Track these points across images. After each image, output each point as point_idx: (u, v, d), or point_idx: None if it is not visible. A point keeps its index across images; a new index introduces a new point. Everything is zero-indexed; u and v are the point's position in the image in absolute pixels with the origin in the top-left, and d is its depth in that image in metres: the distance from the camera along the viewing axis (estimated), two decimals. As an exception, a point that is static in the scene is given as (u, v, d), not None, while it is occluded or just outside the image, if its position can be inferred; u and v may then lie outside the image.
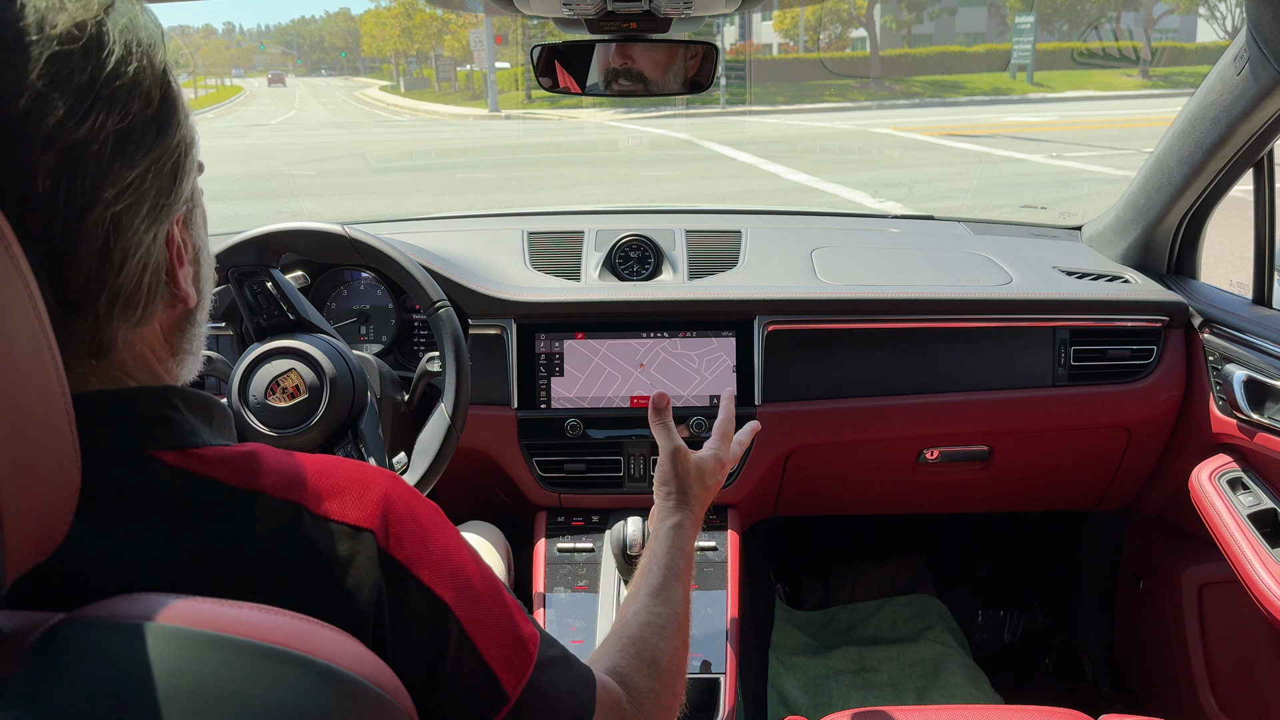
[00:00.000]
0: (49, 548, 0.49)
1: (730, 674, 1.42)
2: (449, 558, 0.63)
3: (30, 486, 0.46)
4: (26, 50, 0.50)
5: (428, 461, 1.33)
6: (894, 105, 23.60)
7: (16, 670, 0.46)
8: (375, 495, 0.61)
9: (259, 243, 1.37)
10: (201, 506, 0.56)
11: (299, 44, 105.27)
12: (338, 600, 0.57)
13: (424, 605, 0.60)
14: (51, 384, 0.48)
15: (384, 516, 0.60)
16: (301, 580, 0.56)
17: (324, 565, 0.57)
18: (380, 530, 0.59)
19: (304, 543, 0.57)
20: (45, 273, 0.51)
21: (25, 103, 0.49)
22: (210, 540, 0.56)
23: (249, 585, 0.54)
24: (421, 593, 0.60)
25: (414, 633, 0.60)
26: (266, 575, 0.56)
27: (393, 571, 0.59)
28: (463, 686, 0.63)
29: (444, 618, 0.61)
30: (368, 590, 0.58)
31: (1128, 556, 2.03)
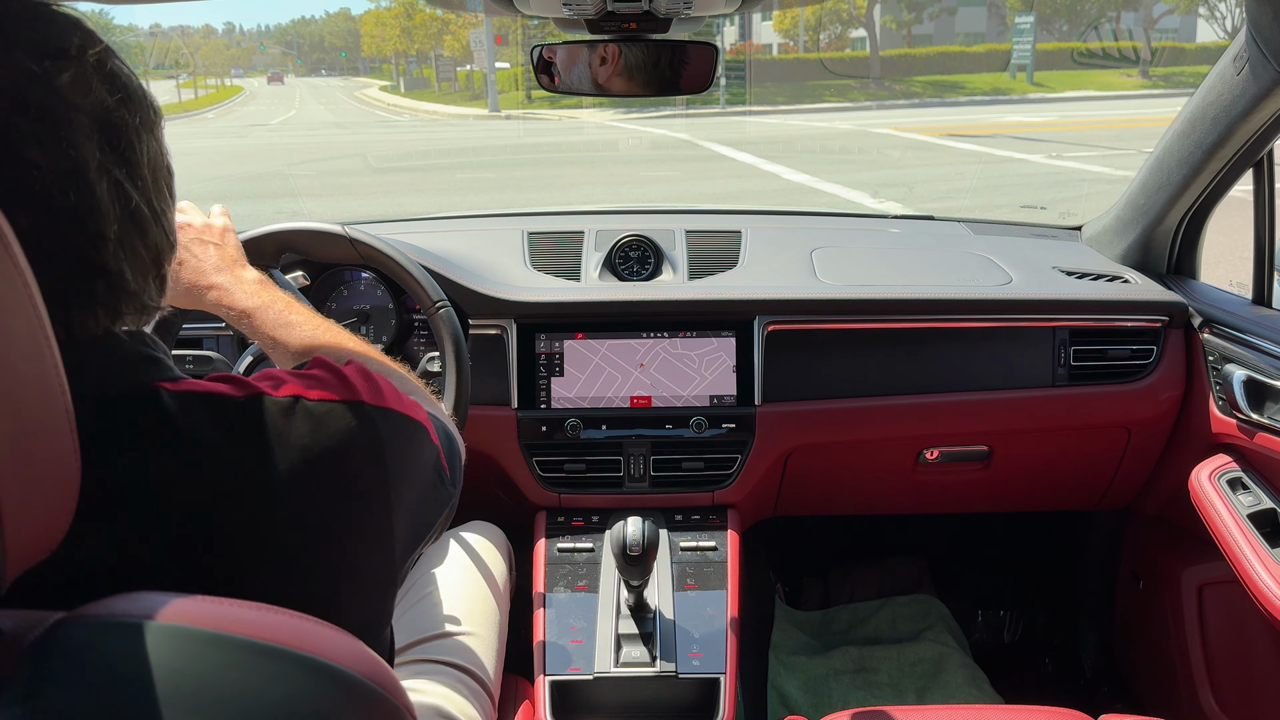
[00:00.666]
0: (49, 546, 0.49)
1: (730, 674, 1.42)
2: (407, 392, 0.80)
3: (30, 486, 0.46)
4: None
5: None
6: (894, 105, 23.60)
7: (16, 669, 0.46)
8: (348, 374, 0.74)
9: (259, 243, 1.37)
10: (218, 418, 0.65)
11: (299, 44, 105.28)
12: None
13: (405, 423, 0.76)
14: (51, 384, 0.48)
15: (361, 387, 0.73)
16: (319, 455, 0.68)
17: (332, 433, 0.69)
18: (368, 394, 0.73)
19: (311, 419, 0.68)
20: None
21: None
22: (240, 438, 0.65)
23: (279, 471, 0.65)
24: (400, 418, 0.76)
25: (400, 446, 0.75)
26: (290, 459, 0.66)
27: (385, 413, 0.74)
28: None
29: (417, 429, 0.79)
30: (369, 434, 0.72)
31: (1127, 556, 2.03)
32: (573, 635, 1.47)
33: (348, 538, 0.69)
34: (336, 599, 0.68)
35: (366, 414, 0.72)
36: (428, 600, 1.39)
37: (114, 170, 0.63)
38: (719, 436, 1.68)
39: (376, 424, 0.72)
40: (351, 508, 0.70)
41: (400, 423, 0.76)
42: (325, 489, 0.68)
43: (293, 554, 0.65)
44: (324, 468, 0.67)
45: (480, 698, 1.26)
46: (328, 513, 0.68)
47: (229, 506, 0.63)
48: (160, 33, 52.27)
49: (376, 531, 0.72)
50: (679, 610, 1.51)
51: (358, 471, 0.70)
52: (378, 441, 0.72)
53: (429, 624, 1.34)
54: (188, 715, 0.46)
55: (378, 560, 0.72)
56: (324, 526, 0.67)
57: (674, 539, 1.64)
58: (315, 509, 0.67)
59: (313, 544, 0.66)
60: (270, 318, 1.05)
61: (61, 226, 0.60)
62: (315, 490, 0.67)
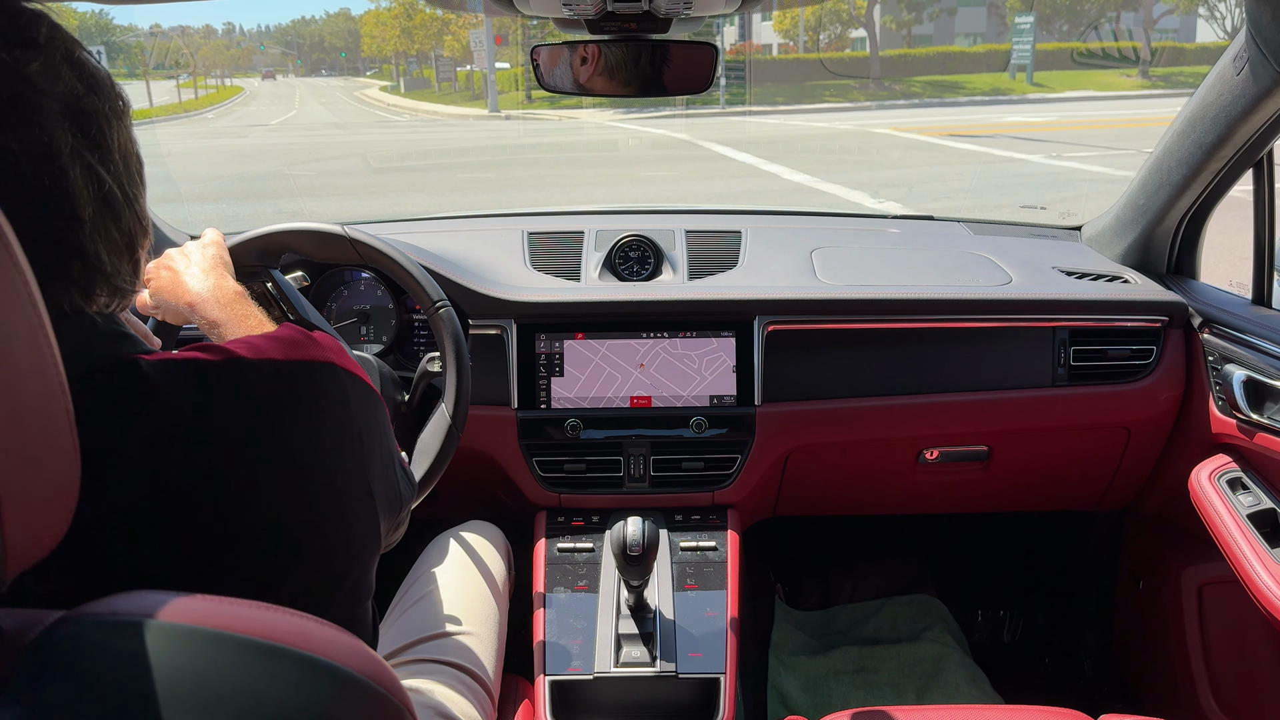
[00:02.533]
0: (49, 545, 0.49)
1: (730, 674, 1.42)
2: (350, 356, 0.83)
3: (30, 485, 0.46)
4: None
5: (429, 461, 1.33)
6: (894, 105, 23.59)
7: (15, 668, 0.46)
8: (319, 338, 0.78)
9: (259, 243, 1.37)
10: (197, 381, 0.68)
11: (299, 44, 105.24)
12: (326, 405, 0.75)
13: (369, 389, 0.81)
14: (51, 383, 0.48)
15: (330, 348, 0.78)
16: (296, 405, 0.72)
17: (307, 388, 0.73)
18: (336, 356, 0.77)
19: (286, 376, 0.72)
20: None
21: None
22: (220, 398, 0.68)
23: (258, 422, 0.69)
24: (364, 383, 0.80)
25: (366, 406, 0.80)
26: (269, 411, 0.70)
27: (352, 376, 0.78)
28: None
29: (378, 400, 0.83)
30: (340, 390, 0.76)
31: (1128, 556, 2.03)
32: (573, 635, 1.47)
33: (327, 478, 0.73)
34: (324, 536, 0.72)
35: (336, 373, 0.76)
36: (427, 600, 1.39)
37: (86, 155, 0.66)
38: (719, 436, 1.68)
39: (344, 383, 0.77)
40: (329, 451, 0.73)
41: (365, 387, 0.80)
42: (303, 434, 0.71)
43: (278, 495, 0.69)
44: (301, 416, 0.71)
45: (480, 697, 1.26)
46: (309, 455, 0.71)
47: (212, 459, 0.66)
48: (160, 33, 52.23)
49: (356, 472, 0.76)
50: (679, 610, 1.51)
51: (333, 420, 0.74)
52: (346, 398, 0.76)
53: (428, 623, 1.34)
54: (188, 714, 0.46)
55: (358, 500, 0.76)
56: (306, 467, 0.71)
57: (674, 539, 1.64)
58: (295, 453, 0.70)
59: (297, 483, 0.70)
60: (238, 330, 1.06)
61: (36, 210, 0.62)
62: (294, 435, 0.70)
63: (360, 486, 0.77)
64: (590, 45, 1.26)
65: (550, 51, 1.29)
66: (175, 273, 1.14)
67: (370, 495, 0.78)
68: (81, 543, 0.58)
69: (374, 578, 0.82)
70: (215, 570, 0.66)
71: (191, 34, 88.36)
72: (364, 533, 0.77)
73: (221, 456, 0.67)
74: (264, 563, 0.67)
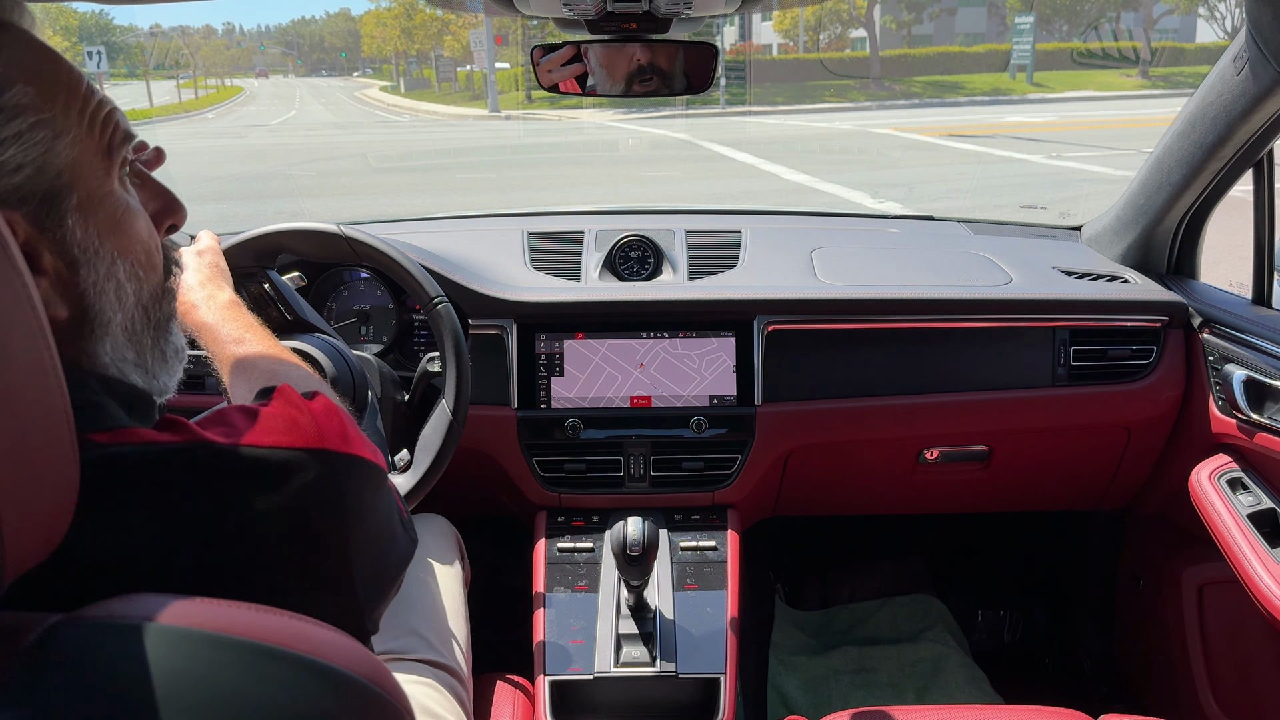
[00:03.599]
0: (48, 548, 0.49)
1: (730, 674, 1.42)
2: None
3: (30, 487, 0.46)
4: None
5: (431, 457, 1.33)
6: (894, 105, 23.59)
7: (14, 670, 0.46)
8: (315, 413, 0.69)
9: (254, 245, 1.37)
10: (155, 471, 0.59)
11: (299, 44, 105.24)
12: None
13: (368, 469, 0.72)
14: (50, 385, 0.48)
15: (327, 429, 0.69)
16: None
17: (288, 486, 0.63)
18: (332, 440, 0.68)
19: (263, 469, 0.62)
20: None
21: None
22: (177, 496, 0.59)
23: (223, 528, 0.60)
24: (364, 464, 0.71)
25: (362, 492, 0.71)
26: (238, 514, 0.60)
27: (348, 461, 0.69)
28: None
29: (378, 474, 0.75)
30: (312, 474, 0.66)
31: (1128, 556, 2.03)
32: (573, 635, 1.47)
33: (304, 595, 0.63)
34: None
35: (329, 461, 0.66)
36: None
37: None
38: (719, 436, 1.68)
39: (338, 472, 0.66)
40: (306, 563, 0.64)
41: (364, 469, 0.70)
42: (276, 550, 0.62)
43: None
44: (276, 527, 0.62)
45: (455, 690, 1.26)
46: (280, 571, 0.62)
47: (167, 573, 0.57)
48: (160, 33, 52.22)
49: (335, 586, 0.66)
50: (679, 610, 1.51)
51: (314, 524, 0.64)
52: (339, 491, 0.66)
53: (394, 621, 1.33)
54: (186, 716, 0.46)
55: (340, 617, 0.63)
56: (275, 585, 0.62)
57: (674, 539, 1.64)
58: (266, 568, 0.61)
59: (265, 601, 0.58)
60: (225, 333, 1.06)
61: None
62: (265, 552, 0.61)
63: (343, 584, 0.67)
64: (590, 45, 1.26)
65: (550, 52, 1.29)
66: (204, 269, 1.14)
67: (354, 593, 0.68)
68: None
69: (378, 624, 0.75)
70: None
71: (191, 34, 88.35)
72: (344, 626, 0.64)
73: (167, 564, 0.57)
74: None
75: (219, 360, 1.06)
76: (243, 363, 1.03)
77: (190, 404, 1.55)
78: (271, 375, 0.99)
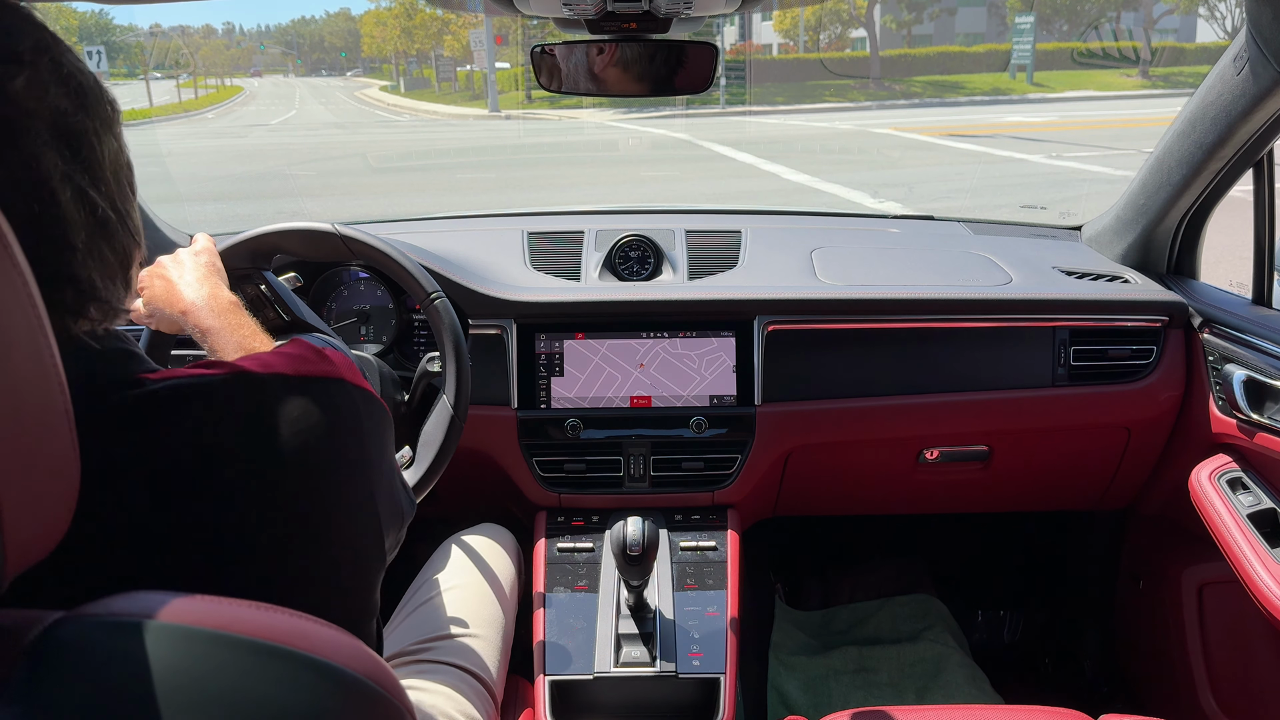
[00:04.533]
0: (48, 546, 0.49)
1: (730, 674, 1.42)
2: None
3: (30, 486, 0.46)
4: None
5: (433, 453, 1.33)
6: (894, 105, 23.59)
7: (14, 668, 0.46)
8: (329, 354, 0.76)
9: (249, 246, 1.37)
10: (202, 398, 0.66)
11: (299, 44, 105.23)
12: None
13: (379, 406, 0.79)
14: (51, 384, 0.48)
15: (341, 365, 0.76)
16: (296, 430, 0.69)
17: (316, 408, 0.71)
18: (346, 372, 0.75)
19: (294, 393, 0.70)
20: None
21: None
22: (226, 414, 0.66)
23: (265, 444, 0.67)
24: (375, 400, 0.78)
25: (376, 425, 0.79)
26: (276, 432, 0.67)
27: (363, 393, 0.77)
28: None
29: (387, 416, 0.81)
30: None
31: (1128, 556, 2.03)
32: (573, 635, 1.47)
33: (333, 498, 0.70)
34: (330, 552, 0.70)
35: (347, 391, 0.74)
36: (434, 602, 1.39)
37: (77, 178, 0.63)
38: (719, 436, 1.68)
39: (356, 401, 0.74)
40: (338, 478, 0.71)
41: (379, 406, 0.78)
42: (312, 461, 0.68)
43: (283, 511, 0.67)
44: (310, 439, 0.68)
45: (483, 699, 1.26)
46: (317, 471, 0.69)
47: (219, 476, 0.64)
48: (160, 33, 52.20)
49: (364, 489, 0.74)
50: (679, 610, 1.51)
51: (342, 443, 0.71)
52: (357, 417, 0.74)
53: (434, 625, 1.35)
54: (186, 714, 0.46)
55: (364, 521, 0.74)
56: (314, 483, 0.69)
57: (674, 539, 1.64)
58: (303, 480, 0.68)
59: (303, 499, 0.68)
60: (230, 339, 1.06)
61: (26, 241, 0.56)
62: (302, 461, 0.68)
63: (367, 504, 0.75)
64: (590, 45, 1.26)
65: (550, 51, 1.29)
66: (169, 281, 1.14)
67: (376, 513, 0.77)
68: (84, 549, 0.58)
69: (379, 598, 0.80)
70: (216, 585, 0.64)
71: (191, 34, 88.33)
72: (369, 549, 0.76)
73: (228, 472, 0.65)
74: (268, 579, 0.66)
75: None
76: None
77: None
78: None
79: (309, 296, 1.76)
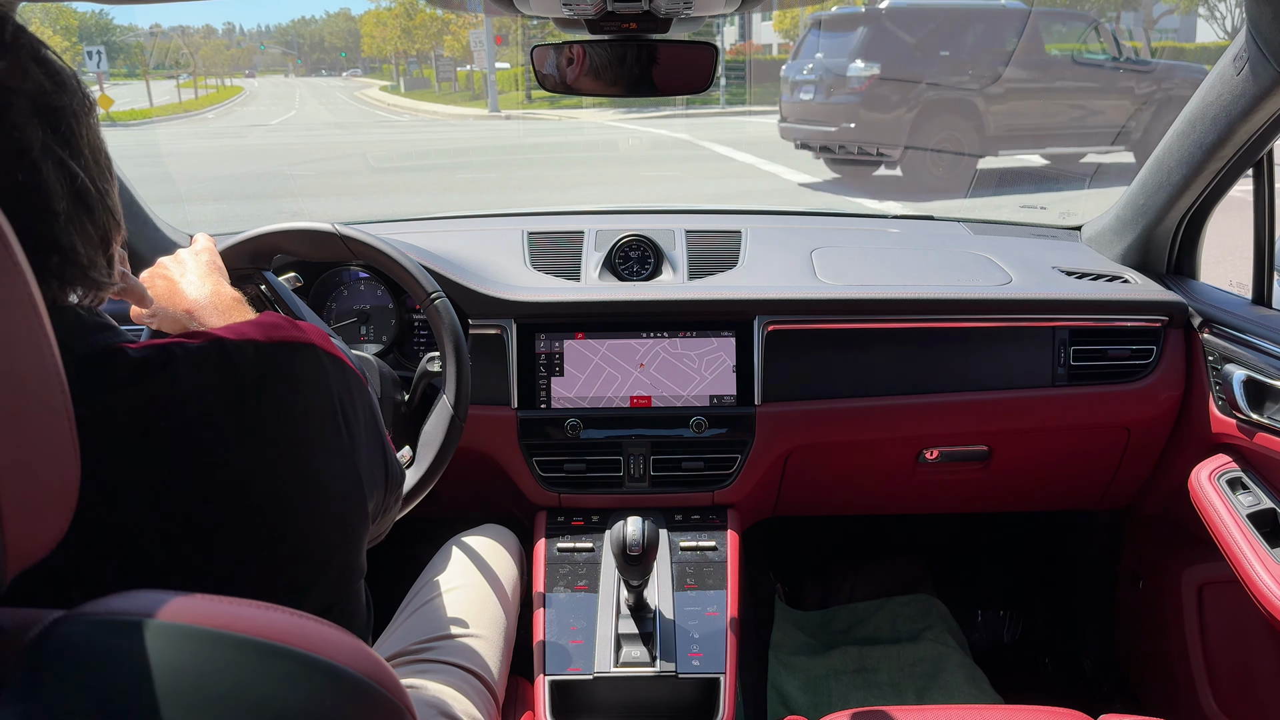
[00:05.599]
0: (49, 545, 0.49)
1: (730, 674, 1.42)
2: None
3: (30, 485, 0.46)
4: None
5: (434, 452, 1.34)
6: (894, 105, 23.53)
7: (14, 668, 0.46)
8: (302, 325, 0.81)
9: (249, 246, 1.37)
10: (182, 362, 0.70)
11: (299, 44, 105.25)
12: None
13: (350, 371, 0.83)
14: (51, 383, 0.48)
15: (313, 334, 0.80)
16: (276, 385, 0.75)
17: (289, 367, 0.76)
18: (317, 338, 0.80)
19: (268, 355, 0.75)
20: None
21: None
22: (201, 377, 0.70)
23: (242, 398, 0.72)
24: (346, 366, 0.82)
25: (348, 386, 0.83)
26: (252, 388, 0.73)
27: (333, 358, 0.81)
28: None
29: (360, 381, 0.86)
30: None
31: (1128, 556, 2.03)
32: (573, 635, 1.47)
33: (313, 454, 0.76)
34: (310, 511, 0.74)
35: (316, 353, 0.78)
36: (436, 602, 1.39)
37: (57, 150, 0.67)
38: (719, 436, 1.68)
39: (325, 364, 0.79)
40: (311, 428, 0.76)
41: (347, 370, 0.82)
42: (284, 412, 0.74)
43: (262, 471, 0.72)
44: (282, 394, 0.74)
45: (484, 698, 1.27)
46: (290, 432, 0.74)
47: (195, 436, 0.69)
48: (160, 33, 52.19)
49: (339, 449, 0.78)
50: (679, 610, 1.51)
51: (314, 398, 0.77)
52: (327, 378, 0.79)
53: (436, 625, 1.35)
54: (187, 714, 0.46)
55: (344, 477, 0.79)
56: (288, 445, 0.74)
57: (674, 539, 1.64)
58: (277, 430, 0.73)
59: (280, 461, 0.73)
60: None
61: (11, 206, 0.60)
62: (277, 411, 0.74)
63: (345, 464, 0.79)
64: (590, 45, 1.26)
65: (550, 51, 1.29)
66: (171, 280, 1.14)
67: (357, 475, 0.80)
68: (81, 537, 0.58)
69: (364, 559, 0.84)
70: (201, 544, 0.68)
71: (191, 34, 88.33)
72: (351, 510, 0.80)
73: (204, 433, 0.70)
74: (250, 537, 0.70)
75: None
76: None
77: None
78: None
79: (309, 296, 1.76)
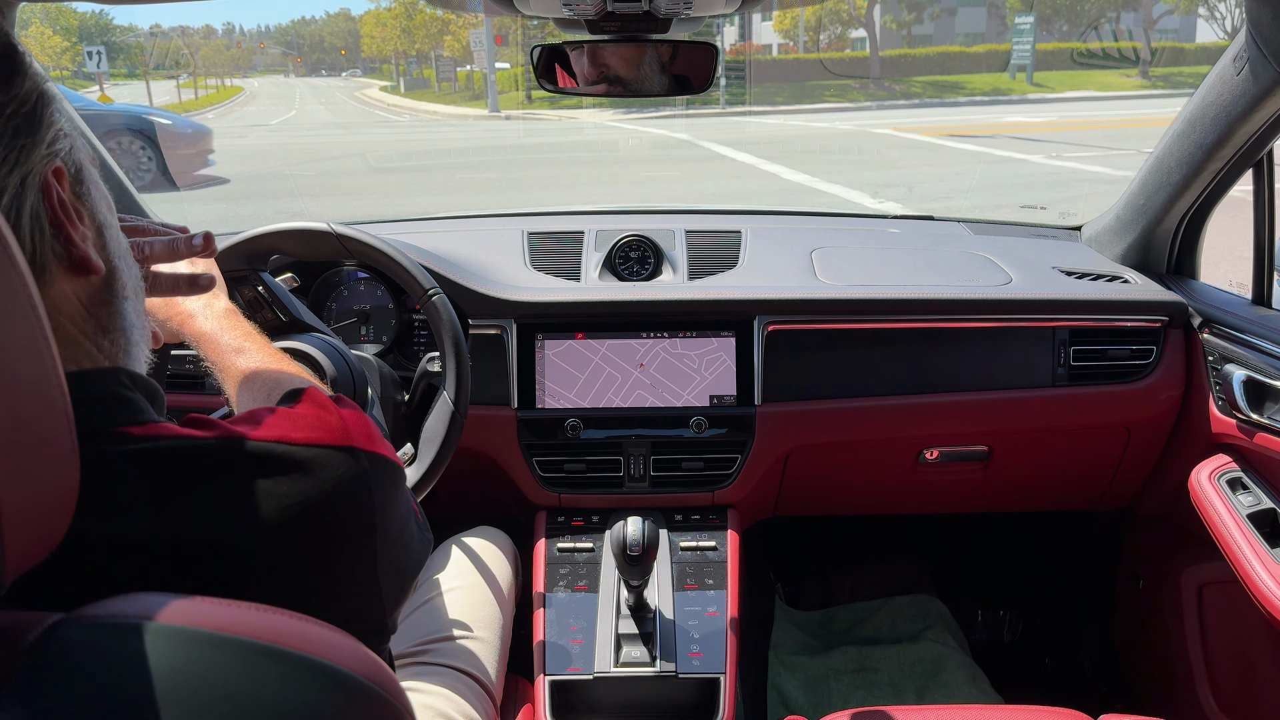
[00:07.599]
0: (48, 547, 0.49)
1: (730, 674, 1.42)
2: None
3: (30, 486, 0.46)
4: None
5: (435, 449, 1.34)
6: (894, 105, 23.57)
7: (14, 670, 0.46)
8: (344, 414, 0.70)
9: (245, 247, 1.37)
10: (188, 466, 0.60)
11: (299, 44, 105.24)
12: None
13: (390, 467, 0.72)
14: (51, 384, 0.48)
15: (354, 428, 0.69)
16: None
17: (317, 482, 0.64)
18: (359, 439, 0.69)
19: (294, 465, 0.63)
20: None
21: None
22: (209, 491, 0.60)
23: (255, 524, 0.60)
24: (387, 462, 0.71)
25: (387, 492, 0.71)
26: (269, 510, 0.61)
27: (374, 459, 0.69)
28: None
29: (399, 472, 0.74)
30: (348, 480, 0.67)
31: (1128, 556, 2.03)
32: (573, 635, 1.48)
33: (332, 595, 0.65)
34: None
35: (358, 459, 0.67)
36: (432, 604, 1.39)
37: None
38: (719, 436, 1.68)
39: (366, 470, 0.67)
40: (335, 561, 0.65)
41: (387, 467, 0.71)
42: (307, 542, 0.62)
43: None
44: (307, 520, 0.62)
45: (482, 700, 1.27)
46: (310, 568, 0.63)
47: (201, 563, 0.58)
48: (160, 33, 52.20)
49: (362, 583, 0.67)
50: (679, 610, 1.51)
51: (343, 521, 0.65)
52: (366, 488, 0.67)
53: (432, 627, 1.35)
54: (187, 716, 0.46)
55: (364, 612, 0.68)
56: (305, 581, 0.63)
57: (674, 539, 1.64)
58: (296, 564, 0.62)
59: (294, 600, 0.58)
60: (224, 342, 1.07)
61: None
62: (295, 544, 0.62)
63: (367, 580, 0.68)
64: (590, 45, 1.26)
65: (550, 52, 1.29)
66: None
67: (377, 589, 0.69)
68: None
69: (389, 651, 0.76)
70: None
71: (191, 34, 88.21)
72: (368, 623, 0.68)
73: (204, 556, 0.58)
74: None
75: (220, 369, 1.07)
76: (244, 371, 1.04)
77: (190, 404, 1.55)
78: (275, 383, 0.99)
79: (309, 297, 1.76)
